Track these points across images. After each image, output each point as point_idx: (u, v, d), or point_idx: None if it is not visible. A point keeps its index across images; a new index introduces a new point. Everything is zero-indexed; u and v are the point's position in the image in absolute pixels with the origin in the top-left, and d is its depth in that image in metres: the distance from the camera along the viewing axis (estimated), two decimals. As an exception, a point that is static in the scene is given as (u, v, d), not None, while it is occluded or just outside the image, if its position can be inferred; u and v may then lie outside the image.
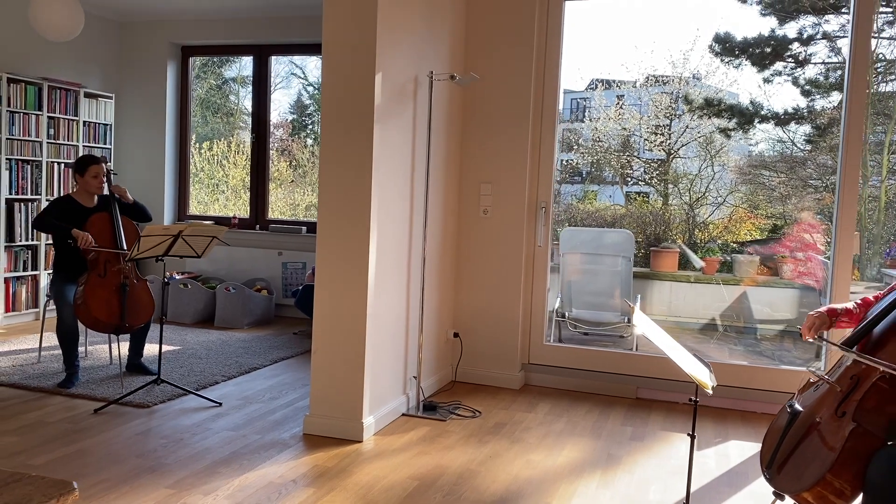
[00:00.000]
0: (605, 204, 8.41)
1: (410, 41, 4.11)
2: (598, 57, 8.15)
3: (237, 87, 8.79)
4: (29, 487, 1.23)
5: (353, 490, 3.15)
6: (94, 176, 4.65)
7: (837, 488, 2.21)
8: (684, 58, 8.05)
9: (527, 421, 4.21)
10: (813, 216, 7.28)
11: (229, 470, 3.32)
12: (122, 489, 3.07)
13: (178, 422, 3.97)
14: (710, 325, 7.11)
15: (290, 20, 6.84)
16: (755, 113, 7.98)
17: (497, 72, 4.89)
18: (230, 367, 5.11)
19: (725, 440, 4.02)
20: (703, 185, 8.04)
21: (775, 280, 7.22)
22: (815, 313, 2.64)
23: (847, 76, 4.39)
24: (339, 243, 3.79)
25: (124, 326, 4.48)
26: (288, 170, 8.61)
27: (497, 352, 4.98)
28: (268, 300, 6.82)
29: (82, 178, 4.66)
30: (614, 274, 6.20)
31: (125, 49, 7.42)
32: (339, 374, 3.80)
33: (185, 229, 4.21)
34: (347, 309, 3.78)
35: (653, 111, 8.23)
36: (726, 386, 4.59)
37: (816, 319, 2.62)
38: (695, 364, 2.59)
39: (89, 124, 6.91)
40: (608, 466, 3.56)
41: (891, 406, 2.25)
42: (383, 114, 3.81)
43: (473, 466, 3.48)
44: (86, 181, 4.66)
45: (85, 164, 4.67)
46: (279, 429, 3.91)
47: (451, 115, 4.80)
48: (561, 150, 8.55)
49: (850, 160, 4.38)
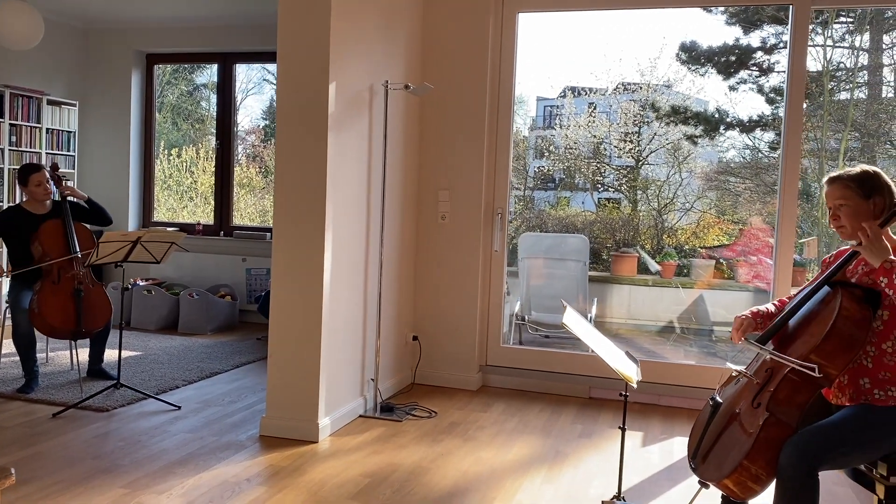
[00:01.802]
0: (575, 210, 8.56)
1: (365, 51, 4.22)
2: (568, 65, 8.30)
3: (208, 93, 8.81)
4: (-35, 473, 1.31)
5: (305, 488, 3.24)
6: (37, 184, 4.67)
7: (754, 474, 2.35)
8: (652, 66, 8.22)
9: (481, 420, 4.33)
10: (763, 221, 7.50)
11: (184, 470, 3.39)
12: (77, 490, 3.13)
13: (136, 425, 4.02)
14: (668, 328, 7.29)
15: (255, 28, 6.92)
16: (721, 120, 8.18)
17: (453, 81, 5.01)
18: (191, 371, 5.17)
19: (671, 437, 4.16)
20: (671, 192, 8.22)
21: (730, 283, 7.42)
22: (741, 317, 2.77)
23: (787, 86, 4.58)
24: (295, 248, 3.88)
25: (81, 332, 4.53)
26: (258, 176, 8.65)
27: (455, 354, 5.10)
28: (231, 306, 6.87)
29: (26, 187, 4.68)
30: (571, 278, 6.35)
31: (89, 56, 7.45)
32: (294, 377, 3.89)
33: (144, 235, 4.28)
34: (302, 312, 3.87)
35: (622, 119, 8.39)
36: (677, 385, 4.75)
37: (743, 322, 2.76)
38: (622, 359, 2.72)
39: (52, 131, 6.93)
40: (555, 462, 3.68)
41: (801, 397, 2.40)
42: (338, 122, 3.91)
43: (425, 464, 3.59)
44: (30, 190, 4.68)
45: (26, 173, 4.68)
46: (236, 431, 3.99)
47: (409, 124, 4.92)
48: (534, 156, 8.70)
49: (790, 164, 4.57)
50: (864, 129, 7.66)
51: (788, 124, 4.58)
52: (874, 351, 2.43)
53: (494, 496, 3.24)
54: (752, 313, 2.78)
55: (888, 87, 7.87)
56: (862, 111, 7.67)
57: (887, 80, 7.80)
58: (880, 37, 7.62)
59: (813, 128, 7.58)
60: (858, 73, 7.76)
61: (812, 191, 7.57)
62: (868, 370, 2.44)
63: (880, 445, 2.36)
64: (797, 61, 4.55)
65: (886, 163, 7.43)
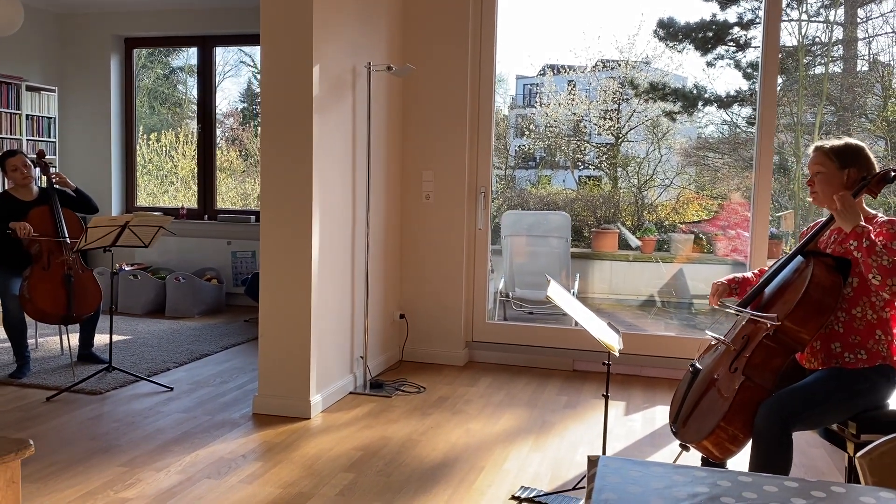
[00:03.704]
0: (556, 188, 8.63)
1: (348, 33, 4.26)
2: (547, 43, 8.32)
3: (185, 77, 8.76)
4: (-11, 444, 1.39)
5: (300, 461, 3.33)
6: (13, 169, 4.70)
7: (731, 434, 2.47)
8: (630, 43, 8.26)
9: (468, 394, 4.44)
10: (742, 195, 7.64)
11: (181, 448, 3.47)
12: (76, 469, 3.20)
13: (130, 406, 4.09)
14: (649, 302, 7.43)
15: (234, 10, 6.91)
16: (699, 96, 8.27)
17: (435, 62, 5.07)
18: (181, 354, 5.23)
19: (652, 405, 4.30)
20: (650, 168, 8.31)
21: (709, 257, 7.56)
22: (717, 283, 2.92)
23: (761, 63, 4.68)
24: (283, 230, 3.94)
25: (72, 317, 4.57)
26: (238, 159, 8.64)
27: (442, 331, 5.19)
28: (218, 289, 6.91)
29: (6, 174, 4.73)
30: (553, 254, 6.45)
31: (66, 41, 7.39)
32: (286, 355, 3.97)
33: (132, 220, 4.32)
34: (292, 293, 3.94)
35: (601, 96, 8.45)
36: (658, 356, 4.88)
37: (719, 287, 2.91)
38: (604, 330, 2.82)
39: (32, 118, 6.90)
40: (541, 432, 3.80)
41: (775, 361, 2.52)
42: (322, 104, 3.96)
43: (415, 437, 3.69)
44: (9, 175, 4.73)
45: (2, 159, 4.74)
46: (229, 410, 4.07)
47: (392, 105, 4.97)
48: (514, 135, 8.74)
49: (765, 139, 4.68)
50: (839, 103, 7.78)
51: (763, 100, 4.68)
52: (844, 316, 2.55)
53: (483, 465, 3.35)
54: (728, 280, 2.92)
55: (863, 61, 8.00)
56: (837, 85, 7.79)
57: (862, 54, 7.92)
58: (854, 11, 7.72)
59: (789, 102, 7.70)
60: (833, 47, 7.87)
61: (789, 165, 7.71)
62: (839, 335, 2.56)
63: (850, 406, 2.49)
64: (771, 38, 4.64)
65: (861, 135, 7.56)
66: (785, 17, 7.95)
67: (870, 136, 7.54)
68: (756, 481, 1.24)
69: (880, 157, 6.97)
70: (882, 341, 2.52)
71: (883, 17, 7.48)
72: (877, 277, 2.38)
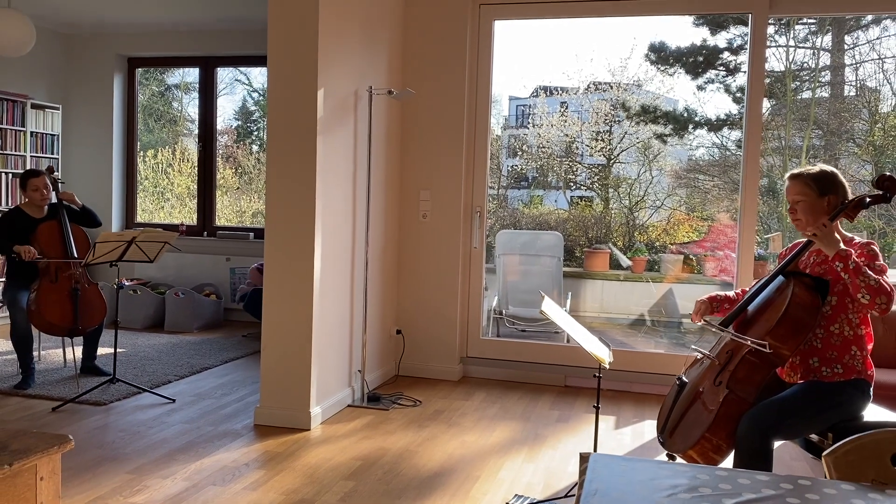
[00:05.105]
0: (549, 208, 8.78)
1: (351, 59, 4.43)
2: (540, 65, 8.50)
3: (180, 94, 8.90)
4: (33, 440, 1.52)
5: (302, 470, 3.45)
6: (35, 189, 4.85)
7: (715, 444, 2.61)
8: (622, 66, 8.45)
9: (463, 408, 4.56)
10: (731, 217, 7.82)
11: (186, 457, 3.59)
12: (85, 476, 3.30)
13: (134, 417, 4.20)
14: (639, 320, 7.58)
15: (236, 33, 7.08)
16: (689, 119, 8.46)
17: (433, 86, 5.24)
18: (182, 367, 5.34)
19: (642, 420, 4.43)
20: (642, 189, 8.48)
21: (698, 277, 7.73)
22: (700, 300, 3.07)
23: (747, 89, 4.87)
24: (286, 247, 4.08)
25: (78, 329, 4.69)
26: (234, 177, 8.77)
27: (437, 347, 5.33)
28: (216, 304, 7.03)
29: (25, 192, 4.87)
30: (546, 273, 6.60)
31: (71, 60, 7.55)
32: (287, 368, 4.09)
33: (139, 235, 4.45)
34: (295, 308, 4.08)
35: (593, 118, 8.62)
36: (648, 373, 5.02)
37: (702, 305, 3.06)
38: (595, 343, 2.97)
39: (36, 135, 7.03)
40: (534, 444, 3.93)
41: (758, 375, 2.67)
42: (326, 126, 4.12)
43: (413, 447, 3.81)
44: (28, 194, 4.86)
45: (25, 178, 4.88)
46: (231, 421, 4.18)
47: (391, 127, 5.14)
48: (507, 155, 8.91)
49: (750, 162, 4.86)
50: (826, 128, 7.98)
51: (748, 124, 4.87)
52: (823, 333, 2.71)
53: (479, 475, 3.47)
54: (709, 297, 3.08)
55: (850, 87, 8.21)
56: (825, 110, 7.99)
57: (849, 79, 8.14)
58: (841, 38, 7.95)
59: (777, 126, 7.90)
60: (821, 73, 8.09)
61: (777, 188, 7.89)
62: (817, 350, 2.71)
63: (827, 417, 2.63)
64: (756, 66, 4.84)
65: (848, 160, 7.74)
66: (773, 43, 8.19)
67: (857, 160, 7.73)
68: (731, 475, 1.37)
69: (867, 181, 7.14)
70: (857, 356, 2.67)
71: (869, 44, 7.70)
72: (866, 297, 2.53)
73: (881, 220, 7.35)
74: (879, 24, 7.37)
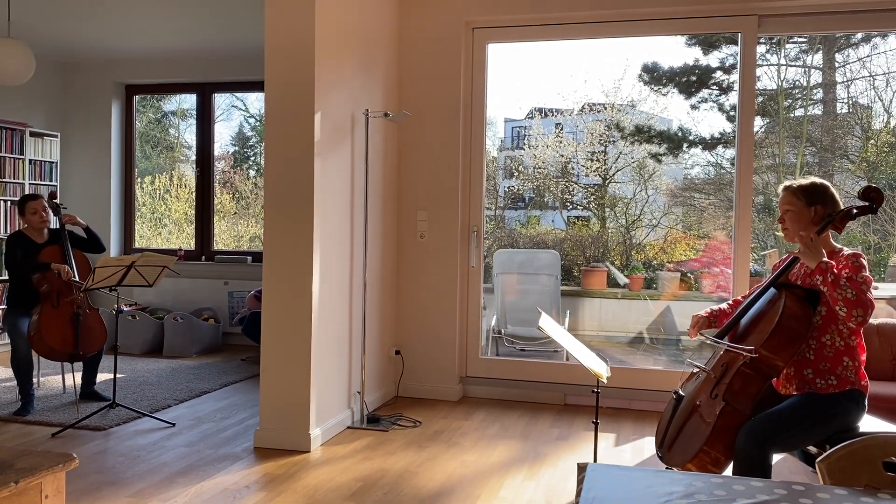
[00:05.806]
0: (546, 228, 8.82)
1: (347, 82, 4.49)
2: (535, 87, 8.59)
3: (177, 121, 8.97)
4: (38, 458, 1.53)
5: (302, 492, 3.45)
6: (33, 213, 4.88)
7: (714, 457, 2.63)
8: (616, 87, 8.52)
9: (463, 427, 4.57)
10: (727, 234, 7.86)
11: (186, 480, 3.59)
12: (85, 501, 3.30)
13: (133, 441, 4.20)
14: (638, 338, 7.59)
15: (232, 59, 7.16)
16: (684, 138, 8.52)
17: (429, 108, 5.30)
18: (181, 391, 5.34)
19: (641, 437, 4.44)
20: (638, 209, 8.52)
21: (695, 294, 7.76)
22: (697, 315, 3.10)
23: (738, 108, 4.94)
24: (285, 269, 4.11)
25: (78, 354, 4.70)
26: (231, 202, 8.82)
27: (436, 367, 5.34)
28: (215, 328, 7.04)
29: (24, 216, 4.90)
30: (544, 292, 6.63)
31: (69, 88, 7.63)
32: (286, 390, 4.10)
33: (138, 259, 4.48)
34: (293, 331, 4.09)
35: (588, 138, 8.69)
36: (647, 389, 5.03)
37: (699, 320, 3.09)
38: (593, 359, 2.99)
39: (35, 162, 7.08)
40: (535, 463, 3.93)
41: (753, 387, 2.69)
42: (323, 149, 4.17)
43: (413, 468, 3.81)
44: (27, 219, 4.90)
45: (23, 202, 4.93)
46: (231, 444, 4.18)
47: (388, 149, 5.19)
48: (504, 176, 8.97)
49: (743, 179, 4.91)
50: (820, 144, 8.05)
51: (741, 143, 4.93)
52: (815, 344, 2.73)
53: (479, 494, 3.48)
54: (707, 312, 3.11)
55: (842, 104, 8.30)
56: (818, 127, 8.07)
57: (841, 97, 8.22)
58: (832, 56, 8.05)
59: (771, 144, 7.96)
60: (813, 90, 8.18)
61: (773, 205, 7.94)
62: (810, 361, 2.74)
63: (823, 429, 2.65)
64: (747, 84, 4.90)
65: (843, 176, 7.80)
66: (765, 61, 8.28)
67: (851, 176, 7.79)
68: (726, 482, 1.40)
69: (859, 196, 7.17)
70: (850, 367, 2.70)
71: (860, 62, 7.79)
72: (843, 309, 2.57)
73: (876, 236, 7.39)
74: (869, 41, 7.46)
